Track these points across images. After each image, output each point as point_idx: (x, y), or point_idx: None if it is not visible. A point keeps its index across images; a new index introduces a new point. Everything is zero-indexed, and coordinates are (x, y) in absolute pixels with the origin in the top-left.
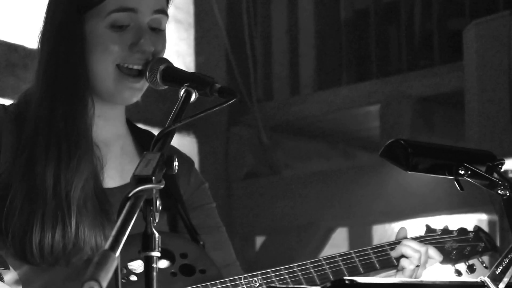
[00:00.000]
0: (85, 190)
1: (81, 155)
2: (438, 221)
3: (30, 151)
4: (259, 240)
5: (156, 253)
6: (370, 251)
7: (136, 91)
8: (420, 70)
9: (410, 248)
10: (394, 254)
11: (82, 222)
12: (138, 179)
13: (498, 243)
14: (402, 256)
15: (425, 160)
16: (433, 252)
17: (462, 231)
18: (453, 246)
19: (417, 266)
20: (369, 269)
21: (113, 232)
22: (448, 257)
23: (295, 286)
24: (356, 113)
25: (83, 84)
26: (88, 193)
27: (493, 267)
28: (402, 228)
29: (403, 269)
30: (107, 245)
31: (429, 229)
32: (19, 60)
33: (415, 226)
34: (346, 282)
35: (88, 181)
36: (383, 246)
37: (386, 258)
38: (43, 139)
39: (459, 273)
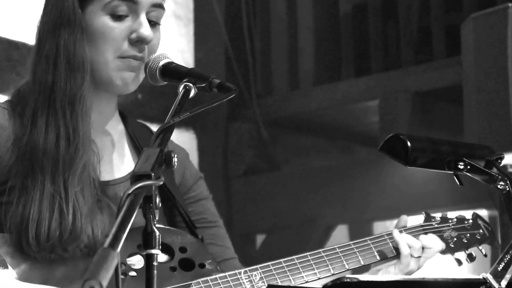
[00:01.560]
0: (83, 178)
1: (79, 142)
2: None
3: (28, 140)
4: (260, 237)
5: (157, 251)
6: (369, 242)
7: (135, 74)
8: (418, 64)
9: (408, 242)
10: (393, 243)
11: (79, 210)
12: (137, 176)
13: (499, 239)
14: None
15: (424, 155)
16: (433, 240)
17: (461, 218)
18: (452, 235)
19: (419, 257)
20: (369, 260)
21: (113, 230)
22: (448, 246)
23: (296, 286)
24: (355, 108)
25: (82, 72)
26: (85, 182)
27: (495, 263)
28: (403, 217)
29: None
30: (107, 242)
31: (428, 217)
32: (20, 57)
33: (416, 221)
34: (347, 280)
35: (85, 170)
36: (382, 236)
37: (385, 248)
38: (41, 127)
39: (459, 262)
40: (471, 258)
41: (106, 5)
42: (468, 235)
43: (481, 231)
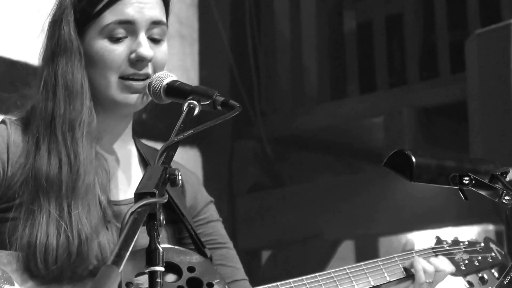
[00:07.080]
0: (88, 200)
1: (80, 167)
2: (445, 233)
3: (32, 166)
4: (265, 254)
5: (160, 268)
6: (379, 263)
7: (140, 95)
8: (423, 81)
9: (421, 265)
10: (405, 264)
11: (84, 234)
12: (140, 194)
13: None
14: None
15: (429, 170)
16: (443, 262)
17: (472, 241)
18: (463, 257)
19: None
20: (379, 281)
21: (116, 247)
22: (459, 269)
23: None
24: (361, 125)
25: (81, 99)
26: (91, 203)
27: (501, 277)
28: (409, 242)
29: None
30: (110, 260)
31: (439, 241)
32: (21, 77)
33: (422, 238)
34: None
35: (89, 192)
36: (393, 257)
37: (396, 269)
38: (43, 154)
39: (471, 284)
40: (483, 281)
41: (103, 29)
42: (480, 257)
43: (493, 254)
